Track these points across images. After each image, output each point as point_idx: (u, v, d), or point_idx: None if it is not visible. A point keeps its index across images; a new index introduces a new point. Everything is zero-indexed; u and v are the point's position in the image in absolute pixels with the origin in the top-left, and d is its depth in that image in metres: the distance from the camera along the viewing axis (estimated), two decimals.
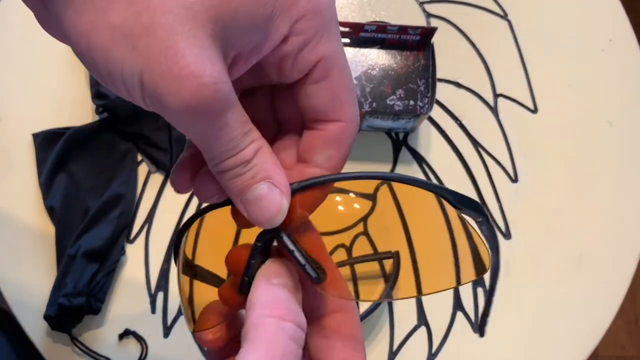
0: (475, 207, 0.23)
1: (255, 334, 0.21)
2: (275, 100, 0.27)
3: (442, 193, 0.24)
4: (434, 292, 0.25)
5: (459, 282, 0.25)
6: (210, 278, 0.27)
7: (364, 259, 0.27)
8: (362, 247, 0.24)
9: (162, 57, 0.19)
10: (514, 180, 0.57)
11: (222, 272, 0.26)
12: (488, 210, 0.56)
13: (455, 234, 0.25)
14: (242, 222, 0.24)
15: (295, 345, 0.22)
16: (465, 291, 0.53)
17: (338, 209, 0.25)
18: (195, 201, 0.54)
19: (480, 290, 0.53)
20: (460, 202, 0.24)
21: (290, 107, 0.25)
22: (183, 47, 0.19)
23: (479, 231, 0.24)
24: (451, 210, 0.24)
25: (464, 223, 0.24)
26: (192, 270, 0.27)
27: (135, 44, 0.19)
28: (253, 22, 0.21)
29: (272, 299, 0.22)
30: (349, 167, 0.24)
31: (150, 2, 0.19)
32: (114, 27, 0.19)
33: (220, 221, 0.25)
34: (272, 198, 0.22)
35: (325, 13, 0.22)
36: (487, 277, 0.54)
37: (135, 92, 0.20)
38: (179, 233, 0.25)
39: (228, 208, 0.24)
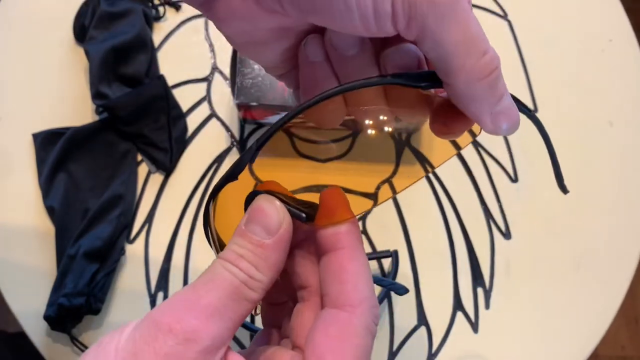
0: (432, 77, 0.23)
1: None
2: None
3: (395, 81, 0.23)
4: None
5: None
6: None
7: None
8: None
9: None
10: (514, 180, 0.57)
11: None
12: (488, 210, 0.56)
13: None
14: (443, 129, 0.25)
15: (233, 278, 0.23)
16: (465, 291, 0.53)
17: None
18: (195, 202, 0.54)
19: (480, 291, 0.53)
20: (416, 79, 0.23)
21: None
22: None
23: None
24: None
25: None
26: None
27: None
28: None
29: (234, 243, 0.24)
30: (351, 167, 0.24)
31: None
32: None
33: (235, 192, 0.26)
34: (514, 105, 0.23)
35: None
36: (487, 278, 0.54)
37: None
38: (213, 193, 0.26)
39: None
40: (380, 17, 0.20)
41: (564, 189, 0.27)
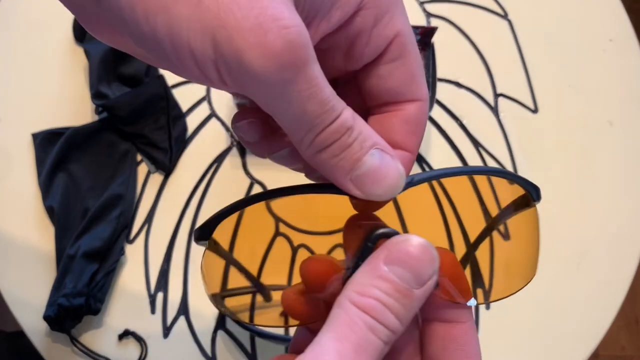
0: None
1: (335, 311, 0.20)
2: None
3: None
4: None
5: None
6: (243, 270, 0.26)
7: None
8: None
9: (234, 5, 0.16)
10: None
11: (253, 267, 0.26)
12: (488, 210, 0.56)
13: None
14: (359, 204, 0.22)
15: (375, 338, 0.19)
16: None
17: (336, 209, 0.25)
18: (195, 202, 0.54)
19: (479, 292, 0.53)
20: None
21: (351, 97, 0.22)
22: None
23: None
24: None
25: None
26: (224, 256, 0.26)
27: (198, 1, 0.16)
28: None
29: (369, 284, 0.20)
30: None
31: None
32: None
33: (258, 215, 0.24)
34: (388, 164, 0.20)
35: None
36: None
37: (206, 60, 0.17)
38: (222, 215, 0.24)
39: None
40: (214, 85, 0.19)
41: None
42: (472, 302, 0.24)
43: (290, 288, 0.24)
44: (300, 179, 0.26)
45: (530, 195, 0.25)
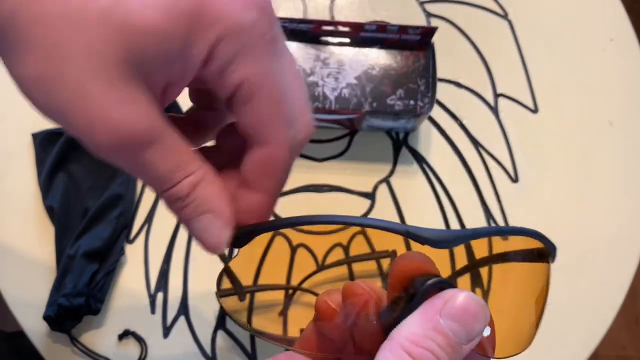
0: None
1: (384, 354, 0.21)
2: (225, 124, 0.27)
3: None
4: None
5: None
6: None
7: (362, 257, 0.26)
8: (359, 246, 0.24)
9: (74, 103, 0.20)
10: (515, 180, 0.57)
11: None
12: (489, 210, 0.56)
13: None
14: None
15: None
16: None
17: (336, 208, 0.25)
18: None
19: (478, 291, 0.53)
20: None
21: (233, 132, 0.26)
22: (93, 93, 0.20)
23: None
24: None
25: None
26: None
27: (50, 90, 0.20)
28: (166, 56, 0.21)
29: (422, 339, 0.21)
30: (349, 166, 0.24)
31: (60, 51, 0.19)
32: (29, 76, 0.20)
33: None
34: (213, 231, 0.24)
35: (249, 33, 0.22)
36: None
37: (69, 131, 0.21)
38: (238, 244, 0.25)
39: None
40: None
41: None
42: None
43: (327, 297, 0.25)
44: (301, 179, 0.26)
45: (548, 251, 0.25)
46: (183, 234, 0.53)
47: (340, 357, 0.26)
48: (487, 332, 0.21)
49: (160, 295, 0.51)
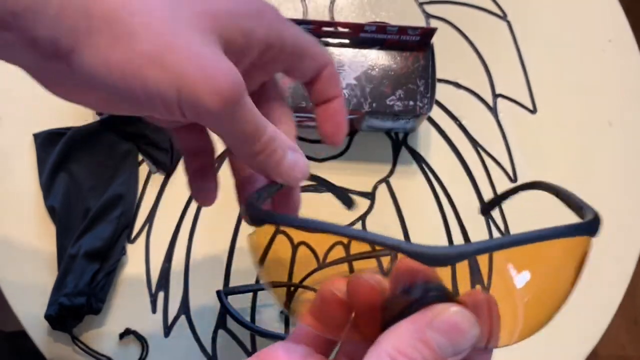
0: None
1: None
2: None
3: None
4: None
5: None
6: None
7: (362, 256, 0.27)
8: (360, 244, 0.24)
9: (189, 66, 0.22)
10: (514, 180, 0.57)
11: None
12: (489, 212, 0.56)
13: None
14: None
15: None
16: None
17: (335, 208, 0.25)
18: (195, 202, 0.54)
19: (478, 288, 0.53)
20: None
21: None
22: (203, 55, 0.23)
23: None
24: None
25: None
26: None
27: (163, 63, 0.22)
28: (244, 35, 0.25)
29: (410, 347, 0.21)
30: (349, 167, 0.24)
31: (164, 29, 0.23)
32: (142, 54, 0.22)
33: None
34: (301, 161, 0.28)
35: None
36: None
37: (173, 105, 0.23)
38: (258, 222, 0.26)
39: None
40: (174, 118, 0.24)
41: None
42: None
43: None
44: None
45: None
46: (184, 233, 0.53)
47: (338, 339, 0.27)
48: (466, 353, 0.22)
49: (161, 295, 0.51)
